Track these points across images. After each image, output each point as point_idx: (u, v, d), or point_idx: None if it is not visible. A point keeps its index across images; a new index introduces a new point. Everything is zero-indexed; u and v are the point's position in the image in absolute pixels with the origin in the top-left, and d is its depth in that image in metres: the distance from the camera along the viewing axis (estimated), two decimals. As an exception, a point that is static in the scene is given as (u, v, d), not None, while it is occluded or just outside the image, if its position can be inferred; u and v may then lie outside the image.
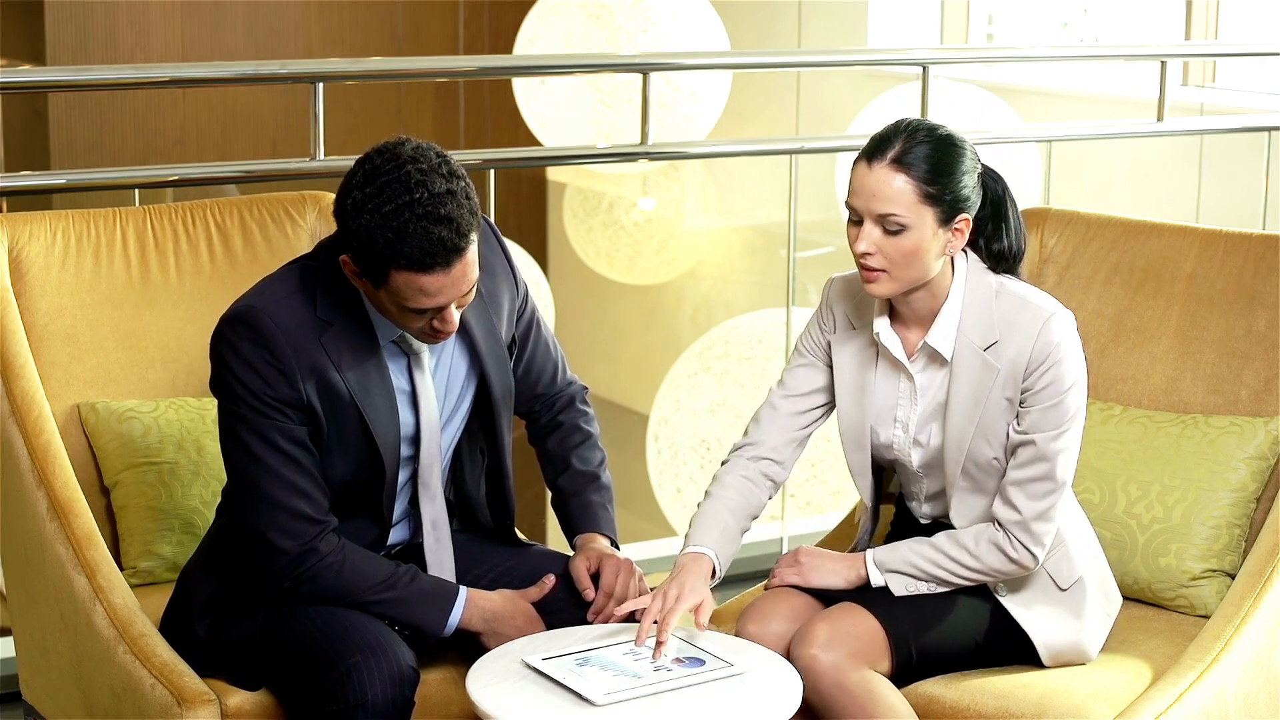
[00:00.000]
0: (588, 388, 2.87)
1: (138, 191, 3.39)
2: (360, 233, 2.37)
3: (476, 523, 2.76)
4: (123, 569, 2.84)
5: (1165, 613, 2.86)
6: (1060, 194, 4.53)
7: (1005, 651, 2.64)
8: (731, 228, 7.08)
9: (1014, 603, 2.62)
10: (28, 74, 4.61)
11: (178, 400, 2.98)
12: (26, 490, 2.75)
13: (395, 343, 2.54)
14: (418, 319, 2.43)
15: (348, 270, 2.44)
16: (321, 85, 3.47)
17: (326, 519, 2.51)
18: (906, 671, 2.59)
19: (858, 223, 2.53)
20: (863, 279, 2.54)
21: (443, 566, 2.64)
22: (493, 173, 3.78)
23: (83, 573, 2.65)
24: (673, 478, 5.48)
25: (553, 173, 7.37)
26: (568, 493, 2.77)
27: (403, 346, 2.55)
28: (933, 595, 2.61)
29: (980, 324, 2.57)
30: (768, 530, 4.75)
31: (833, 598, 2.63)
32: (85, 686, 2.71)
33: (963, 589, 2.62)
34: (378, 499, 2.58)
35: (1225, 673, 2.60)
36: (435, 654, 2.59)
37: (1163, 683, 2.57)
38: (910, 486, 2.71)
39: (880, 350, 2.63)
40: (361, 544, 2.56)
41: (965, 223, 2.54)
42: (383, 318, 2.51)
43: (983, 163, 2.58)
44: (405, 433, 2.57)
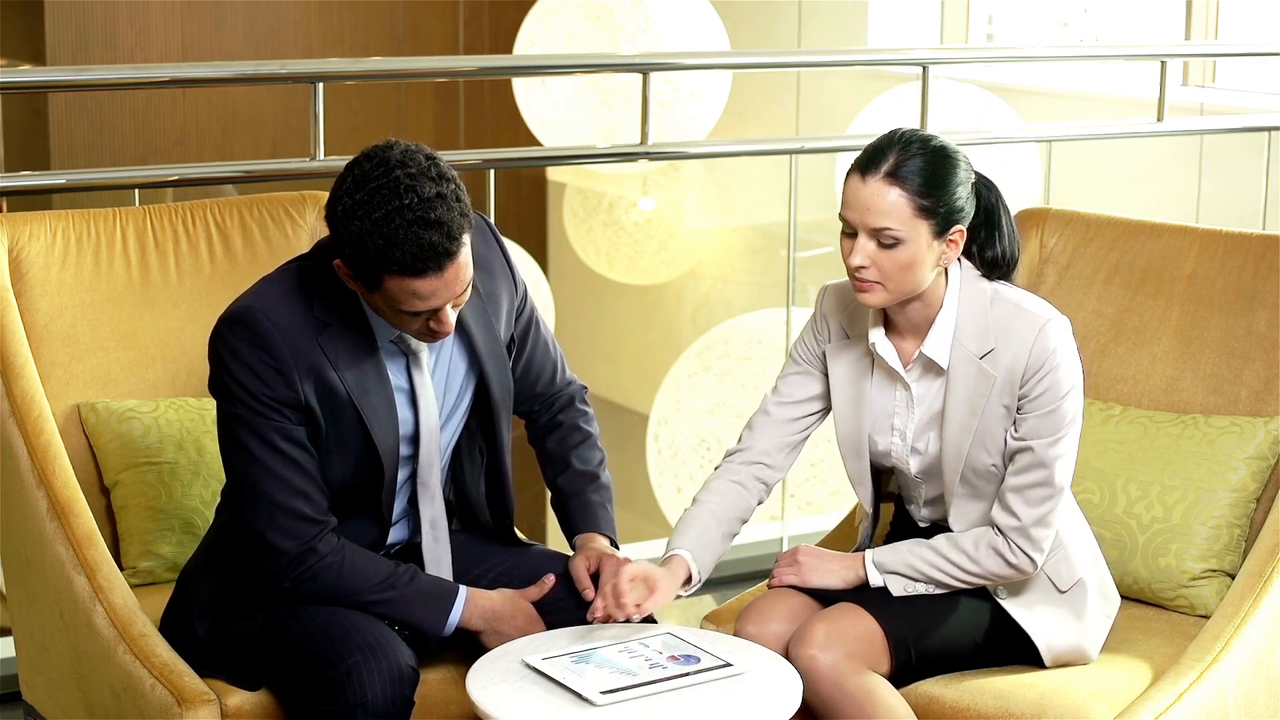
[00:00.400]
0: (587, 387, 2.87)
1: (138, 191, 3.39)
2: (351, 239, 2.37)
3: (476, 522, 2.76)
4: (123, 569, 2.84)
5: (1165, 613, 2.86)
6: (1060, 194, 4.53)
7: (1005, 652, 2.64)
8: (731, 228, 7.08)
9: (1015, 604, 2.62)
10: (28, 74, 4.61)
11: (178, 400, 2.98)
12: (26, 490, 2.75)
13: (394, 342, 2.54)
14: (413, 321, 2.44)
15: (341, 274, 2.45)
16: (321, 85, 3.47)
17: (325, 519, 2.51)
18: (906, 672, 2.59)
19: (851, 235, 2.51)
20: (855, 290, 2.53)
21: (441, 566, 2.64)
22: (493, 173, 3.78)
23: (83, 573, 2.65)
24: (673, 478, 5.48)
25: (553, 173, 7.37)
26: (567, 492, 2.77)
27: (401, 346, 2.55)
28: (932, 596, 2.61)
29: (976, 332, 2.56)
30: (768, 530, 4.75)
31: (831, 598, 2.63)
32: (85, 686, 2.71)
33: (962, 590, 2.62)
34: (377, 499, 2.58)
35: (1225, 673, 2.60)
36: (435, 654, 2.59)
37: (1163, 683, 2.57)
38: (909, 491, 2.71)
39: (876, 360, 2.63)
40: (361, 544, 2.56)
41: (960, 234, 2.53)
42: (380, 318, 2.51)
43: (975, 171, 2.58)
44: (404, 432, 2.57)
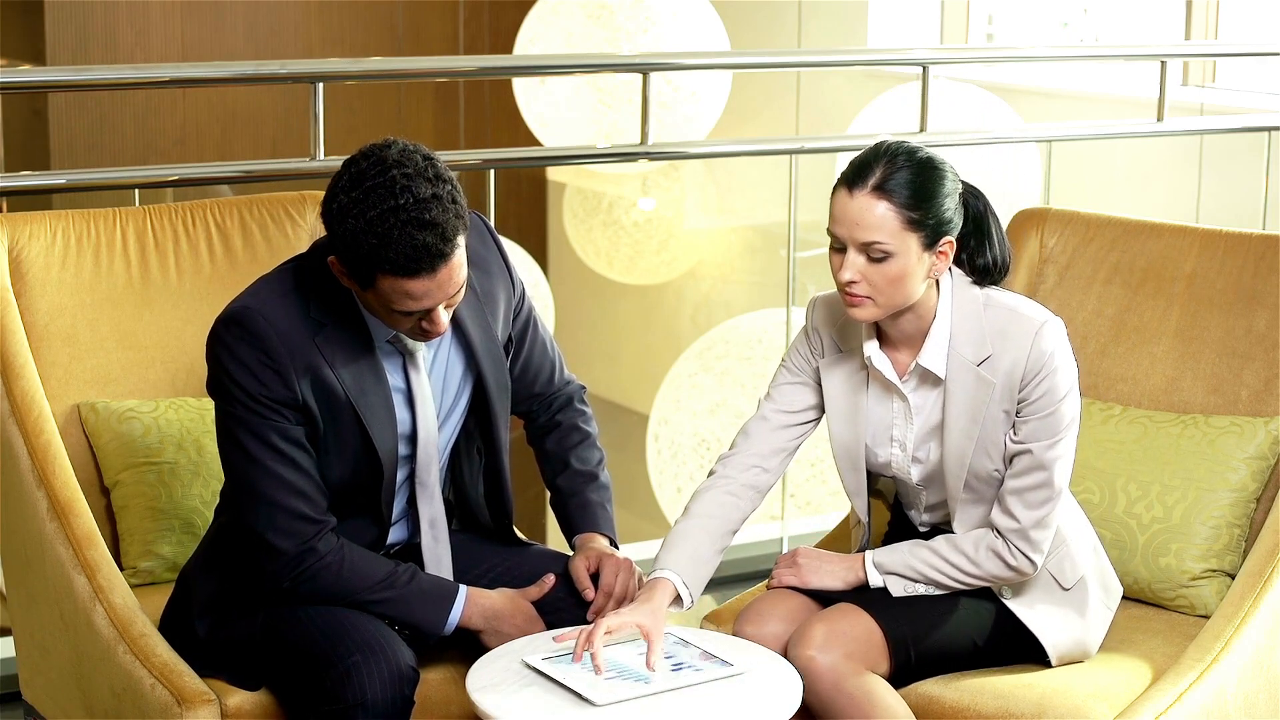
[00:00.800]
0: (585, 387, 2.87)
1: (138, 191, 3.39)
2: (346, 237, 2.37)
3: (476, 522, 2.76)
4: (123, 569, 2.84)
5: (1165, 613, 2.86)
6: (1060, 194, 4.53)
7: (1005, 652, 2.64)
8: (731, 228, 7.07)
9: (1018, 604, 2.62)
10: (28, 74, 4.61)
11: (178, 400, 2.98)
12: (26, 490, 2.75)
13: (390, 342, 2.54)
14: (406, 320, 2.44)
15: (336, 271, 2.45)
16: (321, 85, 3.47)
17: (324, 519, 2.51)
18: (905, 672, 2.58)
19: (840, 250, 2.51)
20: (847, 306, 2.52)
21: (440, 565, 2.64)
22: (493, 173, 3.78)
23: (83, 573, 2.65)
24: (673, 478, 5.48)
25: (553, 173, 7.37)
26: (566, 492, 2.77)
27: (398, 346, 2.55)
28: (932, 596, 2.61)
29: (971, 339, 2.56)
30: (768, 530, 4.75)
31: (831, 599, 2.63)
32: (85, 686, 2.71)
33: (962, 590, 2.62)
34: (376, 499, 2.58)
35: (1225, 673, 2.60)
36: (435, 654, 2.59)
37: (1163, 683, 2.57)
38: (909, 498, 2.71)
39: (871, 372, 2.63)
40: (360, 544, 2.56)
41: (950, 244, 2.52)
42: (375, 317, 2.51)
43: (962, 180, 2.57)
44: (402, 432, 2.57)
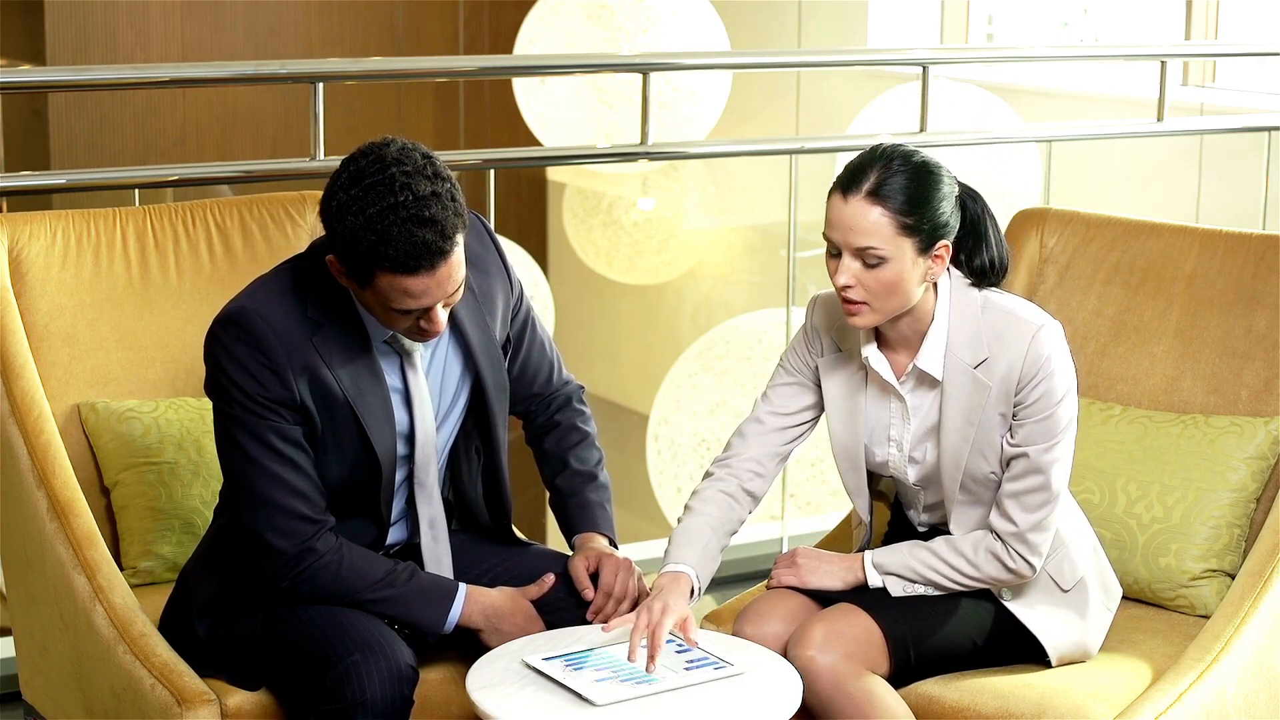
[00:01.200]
0: (584, 387, 2.87)
1: (138, 191, 3.39)
2: (345, 235, 2.37)
3: (475, 523, 2.76)
4: (123, 569, 2.84)
5: (1165, 613, 2.86)
6: (1060, 194, 4.53)
7: (1005, 652, 2.64)
8: (731, 228, 7.07)
9: (1018, 605, 2.62)
10: (28, 74, 4.61)
11: (178, 400, 2.98)
12: (26, 490, 2.75)
13: (388, 343, 2.54)
14: (404, 319, 2.44)
15: (334, 270, 2.45)
16: (321, 85, 3.47)
17: (323, 518, 2.51)
18: (905, 672, 2.58)
19: (836, 255, 2.51)
20: (844, 312, 2.52)
21: (440, 566, 2.64)
22: (493, 173, 3.78)
23: (83, 573, 2.65)
24: (673, 478, 5.48)
25: (553, 173, 7.37)
26: (566, 492, 2.77)
27: (395, 346, 2.55)
28: (931, 596, 2.61)
29: (969, 342, 2.56)
30: (768, 530, 4.75)
31: (830, 599, 2.63)
32: (85, 686, 2.71)
33: (962, 590, 2.62)
34: (375, 499, 2.58)
35: (1225, 673, 2.60)
36: (435, 653, 2.59)
37: (1163, 683, 2.57)
38: (908, 498, 2.71)
39: (869, 373, 2.63)
40: (360, 544, 2.56)
41: (945, 249, 2.52)
42: (372, 317, 2.51)
43: (960, 183, 2.57)
44: (400, 432, 2.57)
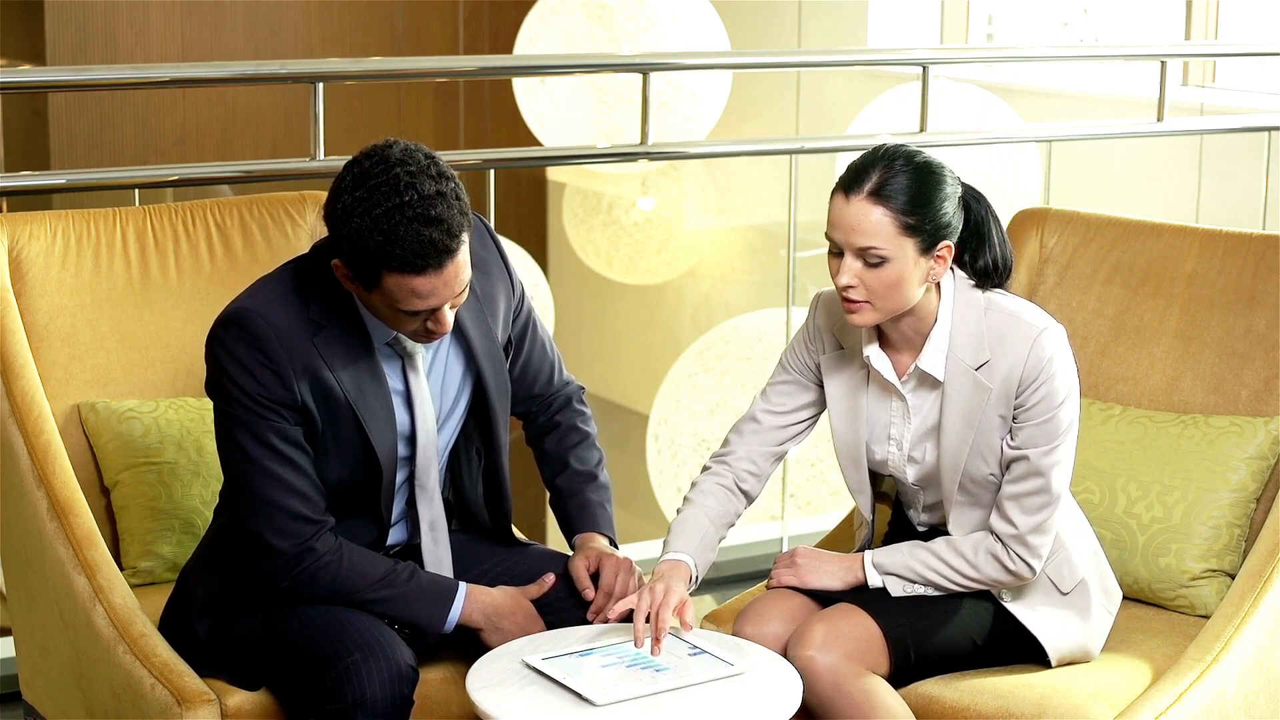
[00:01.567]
0: (585, 387, 2.87)
1: (138, 191, 3.39)
2: (351, 237, 2.37)
3: (475, 523, 2.76)
4: (123, 569, 2.84)
5: (1165, 613, 2.86)
6: (1060, 194, 4.53)
7: (1005, 652, 2.64)
8: (731, 228, 7.07)
9: (1018, 606, 2.62)
10: (28, 74, 4.61)
11: (178, 400, 2.98)
12: (26, 490, 2.75)
13: (389, 345, 2.54)
14: (411, 320, 2.44)
15: (339, 274, 2.45)
16: (321, 85, 3.47)
17: (323, 519, 2.51)
18: (905, 672, 2.58)
19: (838, 255, 2.51)
20: (845, 310, 2.52)
21: (441, 566, 2.64)
22: (492, 173, 3.78)
23: (83, 573, 2.65)
24: (673, 478, 5.48)
25: (552, 173, 7.37)
26: (566, 492, 2.77)
27: (397, 349, 2.55)
28: (931, 597, 2.61)
29: (971, 344, 2.56)
30: (768, 530, 4.75)
31: (830, 599, 2.63)
32: (85, 686, 2.71)
33: (962, 591, 2.62)
34: (375, 500, 2.58)
35: (1225, 673, 2.60)
36: (435, 653, 2.59)
37: (1163, 683, 2.57)
38: (907, 497, 2.71)
39: (871, 372, 2.63)
40: (360, 545, 2.56)
41: (947, 249, 2.52)
42: (376, 320, 2.51)
43: (963, 184, 2.57)
44: (401, 433, 2.57)
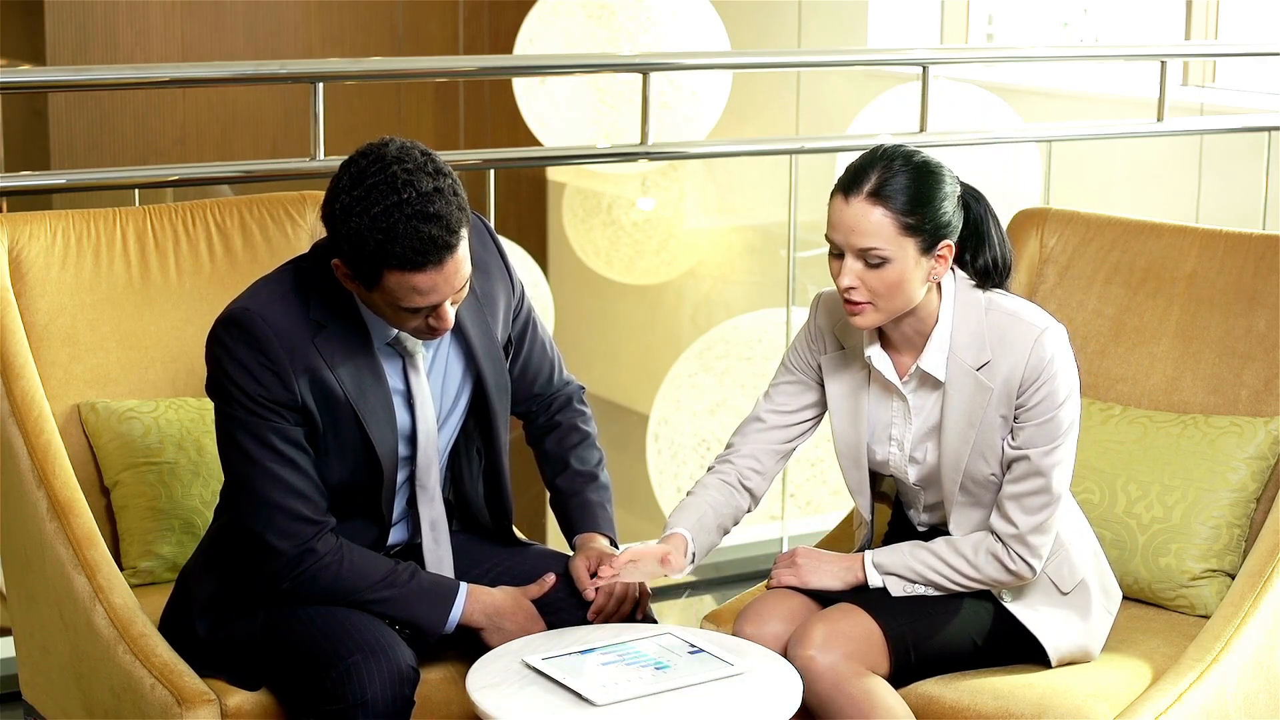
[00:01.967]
0: (585, 387, 2.87)
1: (138, 191, 3.39)
2: (350, 236, 2.37)
3: (476, 523, 2.76)
4: (123, 569, 2.84)
5: (1165, 613, 2.86)
6: (1060, 194, 4.53)
7: (1005, 652, 2.64)
8: (731, 228, 7.07)
9: (1018, 606, 2.62)
10: (28, 74, 4.61)
11: (178, 400, 2.98)
12: (26, 490, 2.75)
13: (390, 344, 2.54)
14: (413, 318, 2.44)
15: (340, 274, 2.45)
16: (321, 85, 3.47)
17: (324, 519, 2.51)
18: (905, 672, 2.59)
19: (839, 256, 2.51)
20: (847, 312, 2.53)
21: (441, 566, 2.64)
22: (492, 173, 3.78)
23: (83, 573, 2.65)
24: (673, 478, 5.48)
25: (552, 173, 7.37)
26: (566, 493, 2.77)
27: (397, 348, 2.55)
28: (931, 596, 2.61)
29: (972, 344, 2.56)
30: (768, 530, 4.75)
31: (830, 598, 2.63)
32: (85, 686, 2.71)
33: (962, 591, 2.62)
34: (376, 500, 2.58)
35: (1225, 673, 2.60)
36: (435, 653, 2.59)
37: (1163, 683, 2.57)
38: (908, 497, 2.71)
39: (872, 372, 2.63)
40: (361, 545, 2.56)
41: (948, 249, 2.52)
42: (377, 319, 2.51)
43: (962, 183, 2.57)
44: (402, 433, 2.57)
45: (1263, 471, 2.86)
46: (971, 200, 2.58)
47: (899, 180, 2.47)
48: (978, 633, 2.62)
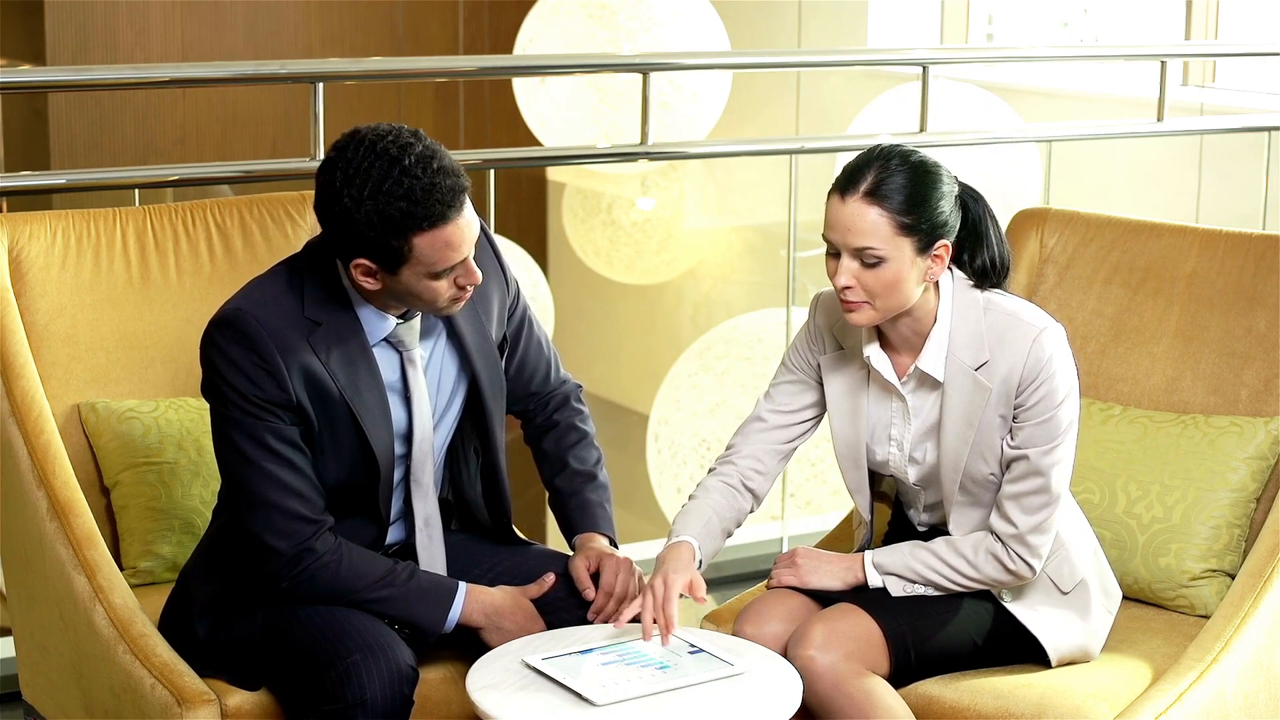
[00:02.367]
0: (582, 386, 2.87)
1: (138, 191, 3.39)
2: (371, 221, 2.38)
3: (475, 523, 2.76)
4: (123, 569, 2.84)
5: (1165, 613, 2.86)
6: (1060, 194, 4.53)
7: (1005, 652, 2.64)
8: (731, 228, 7.08)
9: (1018, 606, 2.62)
10: (28, 74, 4.61)
11: (178, 400, 2.98)
12: (26, 490, 2.75)
13: (385, 340, 2.54)
14: (444, 284, 2.45)
15: (360, 273, 2.44)
16: (321, 85, 3.47)
17: (322, 518, 2.51)
18: (905, 672, 2.58)
19: (835, 255, 2.51)
20: (843, 310, 2.53)
21: (435, 564, 2.64)
22: (493, 173, 3.78)
23: (83, 573, 2.65)
24: (673, 478, 5.48)
25: (552, 173, 7.37)
26: (565, 492, 2.77)
27: (393, 344, 2.55)
28: (931, 596, 2.61)
29: (970, 344, 2.56)
30: (768, 530, 4.75)
31: (830, 598, 2.63)
32: (85, 686, 2.71)
33: (962, 591, 2.62)
34: (374, 498, 2.58)
35: (1225, 673, 2.60)
36: (435, 653, 2.59)
37: (1163, 683, 2.57)
38: (908, 497, 2.71)
39: (871, 372, 2.63)
40: (359, 544, 2.56)
41: (945, 248, 2.52)
42: (373, 316, 2.51)
43: (960, 183, 2.57)
44: (398, 430, 2.57)
45: (1263, 471, 2.86)
46: (969, 200, 2.58)
47: (896, 180, 2.47)
48: (978, 633, 2.61)
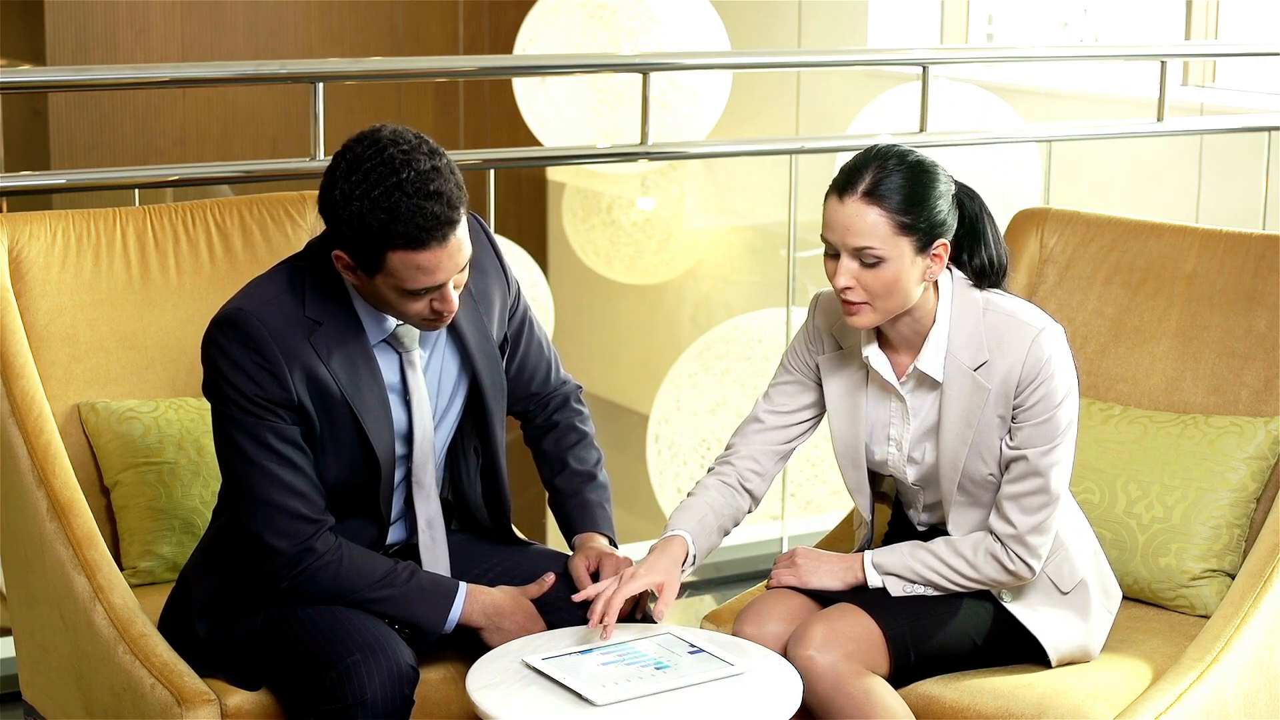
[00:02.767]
0: (582, 386, 2.87)
1: (138, 191, 3.40)
2: (352, 221, 2.37)
3: (475, 523, 2.76)
4: (123, 569, 2.84)
5: (1165, 613, 2.86)
6: (1060, 194, 4.53)
7: (1005, 652, 2.64)
8: (731, 228, 7.08)
9: (1018, 606, 2.62)
10: (28, 74, 4.61)
11: (178, 400, 2.98)
12: (26, 490, 2.75)
13: (386, 341, 2.54)
14: (417, 302, 2.43)
15: (341, 265, 2.44)
16: (321, 85, 3.47)
17: (322, 518, 2.51)
18: (905, 672, 2.59)
19: (834, 256, 2.51)
20: (844, 312, 2.53)
21: (438, 565, 2.64)
22: (492, 173, 3.78)
23: (83, 573, 2.65)
24: (673, 478, 5.48)
25: (552, 173, 7.37)
26: (565, 493, 2.77)
27: (394, 345, 2.55)
28: (931, 596, 2.61)
29: (969, 344, 2.56)
30: (768, 530, 4.75)
31: (830, 598, 2.63)
32: (85, 686, 2.71)
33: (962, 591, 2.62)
34: (374, 498, 2.58)
35: (1225, 673, 2.60)
36: (435, 653, 2.59)
37: (1163, 683, 2.57)
38: (907, 497, 2.71)
39: (870, 372, 2.63)
40: (360, 544, 2.56)
41: (944, 247, 2.52)
42: (373, 316, 2.51)
43: (957, 182, 2.57)
44: (398, 430, 2.57)
45: (1263, 471, 2.86)
46: (965, 199, 2.58)
47: (894, 180, 2.47)
48: (977, 633, 2.62)
